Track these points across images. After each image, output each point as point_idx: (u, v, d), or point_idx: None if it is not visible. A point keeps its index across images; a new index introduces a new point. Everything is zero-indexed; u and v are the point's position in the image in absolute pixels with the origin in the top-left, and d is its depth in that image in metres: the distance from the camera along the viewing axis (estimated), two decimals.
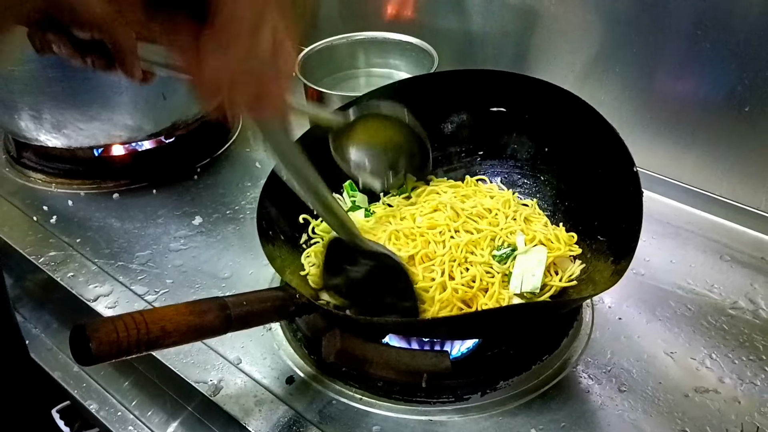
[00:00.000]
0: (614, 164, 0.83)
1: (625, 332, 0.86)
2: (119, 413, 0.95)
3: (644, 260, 0.95)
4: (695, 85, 1.01)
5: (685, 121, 1.03)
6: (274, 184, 0.87)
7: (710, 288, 0.91)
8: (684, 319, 0.87)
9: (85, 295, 0.92)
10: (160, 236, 1.02)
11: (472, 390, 0.78)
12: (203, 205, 1.08)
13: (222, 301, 0.70)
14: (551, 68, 1.13)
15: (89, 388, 0.99)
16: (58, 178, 1.14)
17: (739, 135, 0.98)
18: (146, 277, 0.95)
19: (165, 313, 0.67)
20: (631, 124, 1.05)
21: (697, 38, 0.96)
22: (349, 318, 0.78)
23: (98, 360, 0.63)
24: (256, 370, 0.82)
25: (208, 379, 0.80)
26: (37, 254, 0.99)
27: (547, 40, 1.14)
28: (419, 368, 0.77)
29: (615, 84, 1.07)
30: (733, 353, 0.83)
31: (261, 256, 0.82)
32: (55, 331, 1.08)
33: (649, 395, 0.78)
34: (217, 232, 1.03)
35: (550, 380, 0.80)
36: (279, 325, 0.87)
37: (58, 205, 1.09)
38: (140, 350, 0.65)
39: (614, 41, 1.06)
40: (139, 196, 1.11)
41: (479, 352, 0.81)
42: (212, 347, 0.84)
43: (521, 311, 0.77)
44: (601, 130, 0.84)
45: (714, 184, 1.03)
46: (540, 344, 0.83)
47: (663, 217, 1.03)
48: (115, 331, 0.63)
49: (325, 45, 1.20)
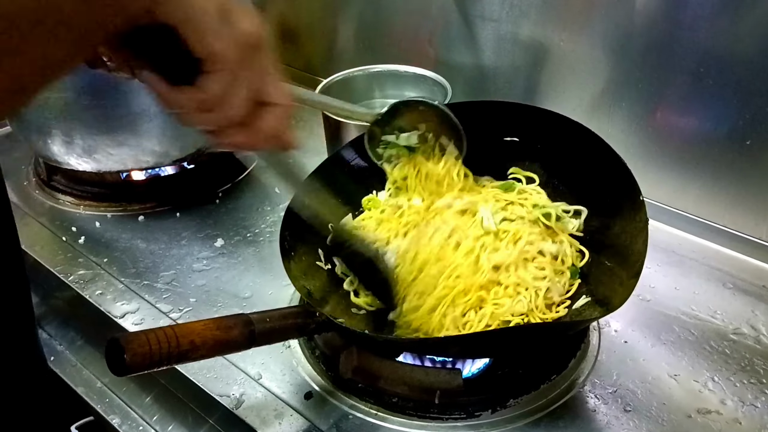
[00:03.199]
0: (622, 193, 0.86)
1: (631, 355, 0.89)
2: (141, 428, 0.98)
3: (649, 287, 0.98)
4: (699, 119, 1.05)
5: (689, 154, 1.07)
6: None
7: (713, 314, 0.95)
8: (687, 344, 0.90)
9: (113, 312, 0.96)
10: (184, 257, 1.07)
11: (484, 407, 0.81)
12: (225, 228, 1.13)
13: (246, 318, 0.74)
14: (560, 102, 1.17)
15: (112, 403, 1.02)
16: (86, 200, 1.19)
17: (741, 168, 1.02)
18: (171, 296, 0.99)
19: (194, 327, 0.71)
20: (636, 156, 1.09)
21: (701, 75, 1.01)
22: (365, 335, 0.82)
23: (131, 371, 0.66)
24: (276, 385, 0.85)
25: (231, 392, 0.84)
26: (67, 273, 1.03)
27: (557, 76, 1.18)
28: (432, 385, 0.81)
29: (621, 118, 1.11)
30: (734, 377, 0.86)
31: (280, 277, 0.86)
32: (78, 348, 1.12)
33: (654, 415, 0.81)
34: (238, 254, 1.07)
35: (559, 399, 0.83)
36: (297, 343, 0.91)
37: (86, 226, 1.14)
38: (170, 362, 0.68)
39: (621, 77, 1.10)
40: (164, 219, 1.16)
41: (490, 371, 0.84)
42: (234, 363, 0.87)
43: (530, 331, 0.81)
44: (609, 161, 0.88)
45: (717, 215, 1.07)
46: (549, 365, 0.86)
47: (668, 246, 1.07)
48: (148, 343, 0.67)
49: (343, 76, 1.25)
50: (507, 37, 1.21)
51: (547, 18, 1.14)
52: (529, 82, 1.22)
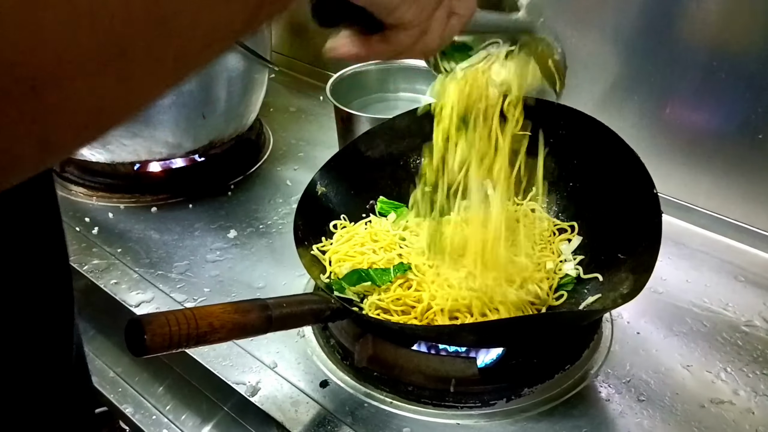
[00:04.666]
0: (635, 186, 0.87)
1: (644, 346, 0.89)
2: (154, 417, 0.99)
3: (661, 279, 0.99)
4: (710, 113, 1.06)
5: (701, 148, 1.08)
6: (309, 198, 0.92)
7: (725, 306, 0.95)
8: (700, 335, 0.91)
9: (128, 301, 0.97)
10: (197, 248, 1.07)
11: (498, 396, 0.82)
12: (237, 219, 1.13)
13: (263, 303, 0.74)
14: (572, 97, 1.16)
15: (125, 392, 1.03)
16: (98, 191, 1.19)
17: (753, 161, 1.03)
18: (185, 286, 1.00)
19: (212, 310, 0.71)
20: (648, 150, 1.08)
21: (713, 69, 1.01)
22: (380, 323, 0.83)
23: (151, 351, 0.66)
24: (291, 374, 0.86)
25: (247, 380, 0.84)
26: (81, 262, 1.04)
27: (568, 70, 1.19)
28: (448, 374, 0.81)
29: (633, 112, 1.12)
30: (747, 367, 0.86)
31: (293, 268, 0.87)
32: (91, 338, 1.12)
33: (667, 405, 0.81)
34: (250, 245, 1.08)
35: (572, 389, 0.83)
36: (312, 332, 0.91)
37: (99, 217, 1.14)
38: (189, 344, 0.68)
39: (632, 72, 1.11)
40: (176, 210, 1.16)
41: (505, 360, 0.85)
42: (249, 351, 0.88)
43: (544, 321, 0.81)
44: (622, 154, 0.89)
45: (728, 209, 1.08)
46: (563, 355, 0.87)
47: (679, 239, 1.07)
48: (167, 324, 0.67)
49: (355, 70, 1.25)
50: None
51: (559, 12, 1.15)
52: None
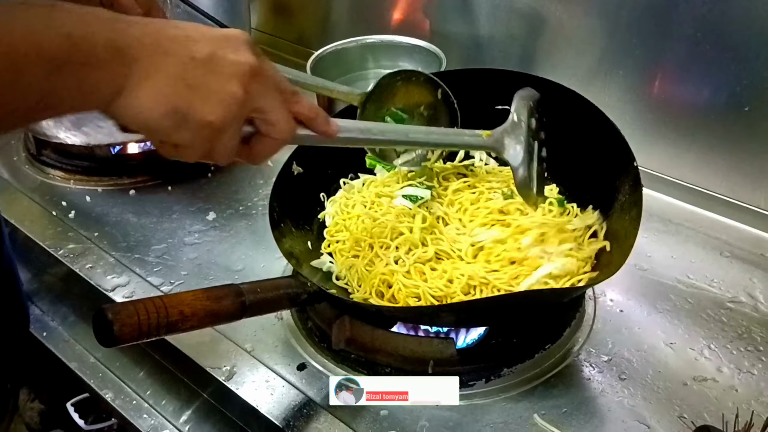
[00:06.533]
0: (615, 159, 0.85)
1: (627, 324, 0.88)
2: (134, 401, 0.98)
3: (646, 256, 0.97)
4: (696, 86, 1.04)
5: (686, 122, 1.06)
6: (284, 179, 0.90)
7: (710, 282, 0.94)
8: (684, 312, 0.89)
9: (103, 286, 0.95)
10: (175, 231, 1.06)
11: (477, 377, 0.80)
12: (217, 201, 1.12)
13: (237, 288, 0.73)
14: (556, 71, 1.15)
15: (105, 378, 1.02)
16: (76, 174, 1.18)
17: (739, 135, 1.01)
18: (162, 269, 0.98)
19: (183, 298, 0.70)
20: (633, 125, 1.08)
21: (698, 40, 0.99)
22: (357, 305, 0.81)
23: (120, 341, 0.65)
24: (269, 357, 0.85)
25: (223, 365, 0.83)
26: (57, 247, 1.02)
27: (553, 44, 1.17)
28: (425, 355, 0.80)
29: (618, 86, 1.10)
30: (731, 344, 0.85)
31: (272, 250, 0.85)
32: (71, 323, 1.11)
33: (649, 383, 0.80)
34: (230, 227, 1.06)
35: (553, 368, 0.82)
36: (290, 315, 0.90)
37: (76, 200, 1.13)
38: (159, 333, 0.67)
39: (617, 45, 1.09)
40: (155, 193, 1.14)
41: (485, 341, 0.83)
42: (226, 336, 0.86)
43: (525, 298, 0.80)
44: (603, 127, 0.87)
45: (714, 183, 1.06)
46: (543, 334, 0.85)
47: (664, 214, 1.06)
48: (136, 314, 0.66)
49: (336, 48, 1.23)
50: (502, 5, 1.19)
51: None
52: (525, 51, 1.20)
